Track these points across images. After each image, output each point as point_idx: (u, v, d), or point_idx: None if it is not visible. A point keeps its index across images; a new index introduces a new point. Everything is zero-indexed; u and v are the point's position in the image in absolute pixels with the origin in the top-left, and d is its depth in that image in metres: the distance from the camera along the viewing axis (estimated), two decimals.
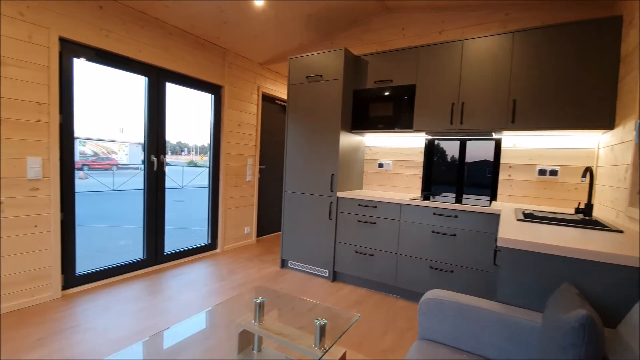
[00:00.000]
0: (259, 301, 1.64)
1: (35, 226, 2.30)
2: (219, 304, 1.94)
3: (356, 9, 3.16)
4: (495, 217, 2.28)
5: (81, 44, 2.46)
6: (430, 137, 3.04)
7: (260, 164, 4.32)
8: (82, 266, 2.68)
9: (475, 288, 2.37)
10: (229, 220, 3.86)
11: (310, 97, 3.06)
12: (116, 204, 8.08)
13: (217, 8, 2.78)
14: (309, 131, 3.09)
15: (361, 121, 3.02)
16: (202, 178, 15.37)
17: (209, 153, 3.71)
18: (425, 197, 2.78)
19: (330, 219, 2.97)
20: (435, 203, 2.49)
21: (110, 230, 5.36)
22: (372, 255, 2.79)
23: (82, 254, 2.88)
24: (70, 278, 2.56)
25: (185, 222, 6.14)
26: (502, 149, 2.74)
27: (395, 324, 2.30)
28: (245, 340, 1.69)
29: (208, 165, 3.72)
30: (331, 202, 2.96)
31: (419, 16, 3.12)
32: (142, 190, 3.07)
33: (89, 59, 2.54)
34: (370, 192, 3.14)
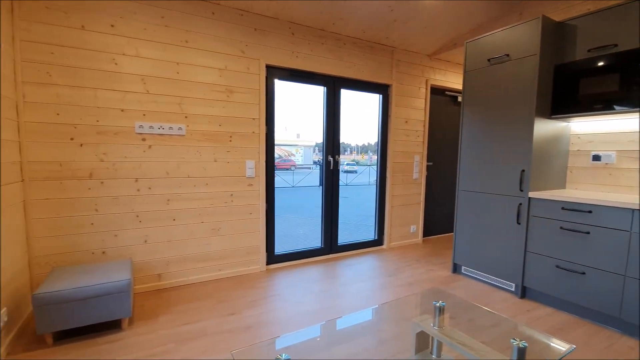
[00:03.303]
0: (438, 304, 1.55)
1: (250, 213, 2.98)
2: (395, 300, 1.95)
3: None
4: None
5: (279, 67, 3.01)
6: None
7: (428, 160, 4.13)
8: (278, 248, 3.29)
9: None
10: (395, 217, 3.88)
11: (493, 81, 2.67)
12: (294, 198, 9.57)
13: (387, 7, 2.82)
14: (490, 121, 2.70)
15: (566, 103, 2.40)
16: (363, 176, 16.26)
17: (376, 151, 3.84)
18: None
19: (519, 224, 2.51)
20: None
21: (290, 220, 6.38)
22: (583, 273, 2.17)
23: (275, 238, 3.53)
24: (271, 256, 3.18)
25: (349, 217, 6.63)
26: None
27: None
28: (422, 341, 1.63)
29: (369, 164, 3.86)
30: (520, 204, 2.49)
31: None
32: (320, 187, 3.48)
33: (283, 79, 3.08)
34: (578, 192, 2.46)
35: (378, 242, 3.85)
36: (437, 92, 4.14)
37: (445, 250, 3.79)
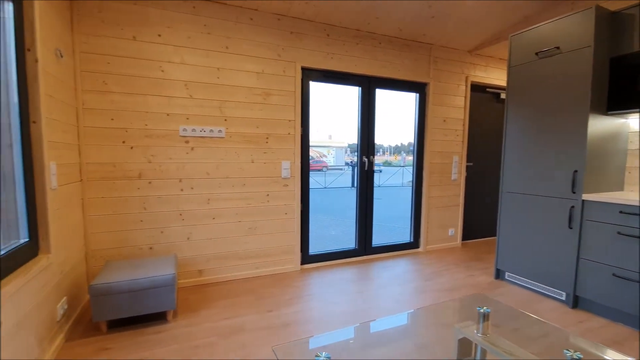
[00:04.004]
0: (482, 311, 1.48)
1: (286, 213, 3.03)
2: (433, 305, 1.89)
3: None
4: None
5: (314, 69, 3.04)
6: None
7: (468, 161, 3.97)
8: (311, 248, 3.31)
9: None
10: (432, 220, 3.76)
11: (541, 76, 2.51)
12: (326, 199, 9.59)
13: (425, 4, 2.75)
14: (538, 118, 2.54)
15: (624, 98, 2.20)
16: (396, 177, 15.95)
17: (412, 152, 3.75)
18: None
19: (571, 228, 2.33)
20: None
21: (322, 220, 6.40)
22: None
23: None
24: (305, 256, 3.21)
25: (383, 219, 6.52)
26: None
27: None
28: (465, 348, 1.56)
29: (402, 165, 3.77)
30: (572, 207, 2.32)
31: None
32: (352, 189, 3.47)
33: (318, 80, 3.10)
34: (637, 194, 2.24)
35: (414, 244, 3.75)
36: (478, 89, 3.97)
37: (486, 255, 3.62)
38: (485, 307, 1.49)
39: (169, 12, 2.48)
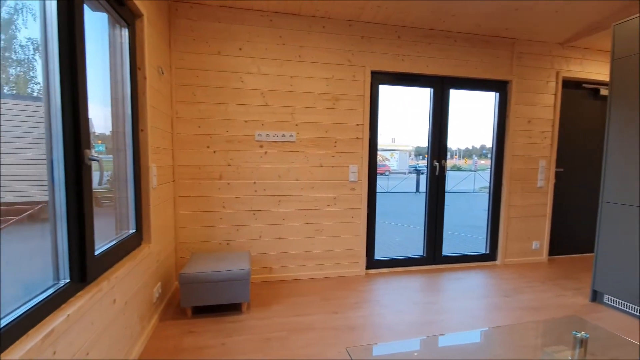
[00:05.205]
0: (580, 335, 1.30)
1: (352, 217, 3.04)
2: (515, 325, 1.72)
3: None
4: None
5: (384, 72, 3.01)
6: None
7: (557, 166, 3.52)
8: (376, 253, 3.26)
9: None
10: (513, 231, 3.42)
11: None
12: (389, 204, 9.34)
13: None
14: None
15: None
16: (467, 183, 14.85)
17: (487, 155, 3.46)
18: None
19: None
20: None
21: (385, 226, 6.24)
22: None
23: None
24: (370, 261, 3.17)
25: (452, 227, 6.12)
26: None
27: None
28: None
29: (473, 169, 3.49)
30: None
31: None
32: (416, 194, 3.33)
33: (388, 83, 3.05)
34: None
35: (490, 256, 3.45)
36: (571, 86, 3.50)
37: (579, 273, 3.16)
38: (583, 332, 1.31)
39: (249, 27, 2.69)
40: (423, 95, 3.16)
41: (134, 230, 1.89)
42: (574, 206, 3.68)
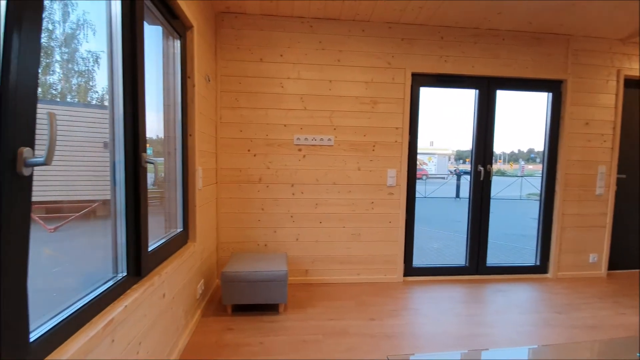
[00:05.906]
0: None
1: (390, 222, 2.98)
2: (569, 343, 1.58)
3: None
4: None
5: (425, 74, 2.93)
6: None
7: (619, 172, 3.20)
8: (414, 260, 3.16)
9: None
10: (567, 242, 3.16)
11: None
12: (426, 210, 9.03)
13: None
14: None
15: None
16: (513, 189, 13.96)
17: (537, 159, 3.24)
18: None
19: None
20: None
21: (422, 232, 6.03)
22: None
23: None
24: (408, 268, 3.08)
25: (497, 236, 5.78)
26: None
27: None
28: None
29: (519, 175, 3.26)
30: None
31: None
32: (456, 199, 3.18)
33: (429, 85, 2.97)
34: None
35: (540, 269, 3.21)
36: (634, 85, 3.18)
37: None
38: None
39: (289, 33, 2.75)
40: (465, 97, 3.03)
41: (182, 229, 2.00)
42: (637, 216, 3.32)
